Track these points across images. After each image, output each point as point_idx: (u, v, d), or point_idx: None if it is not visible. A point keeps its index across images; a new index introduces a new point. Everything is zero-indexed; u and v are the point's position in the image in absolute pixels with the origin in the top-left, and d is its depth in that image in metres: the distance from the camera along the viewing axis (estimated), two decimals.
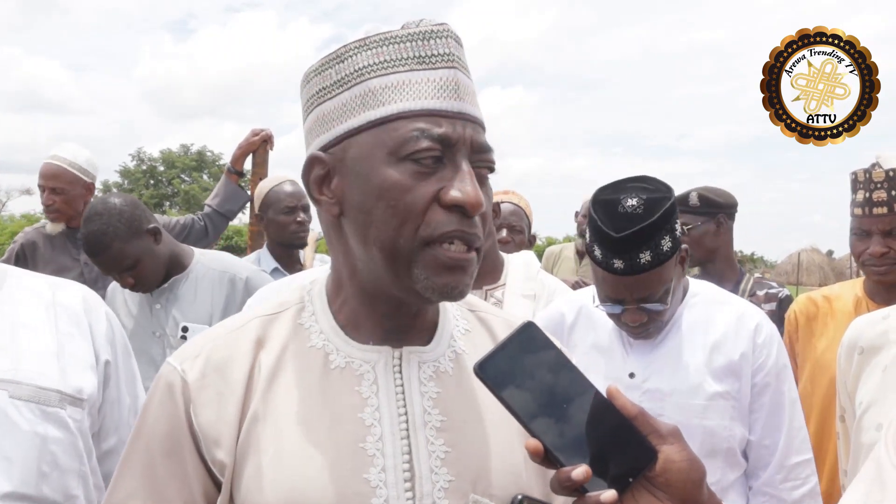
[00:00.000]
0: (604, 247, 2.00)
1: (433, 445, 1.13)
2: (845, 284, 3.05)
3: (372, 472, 1.10)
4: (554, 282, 2.91)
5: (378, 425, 1.12)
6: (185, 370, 1.16)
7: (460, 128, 1.09)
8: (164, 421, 1.14)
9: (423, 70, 1.10)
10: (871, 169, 2.46)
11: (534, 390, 0.97)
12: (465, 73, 1.14)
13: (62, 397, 1.56)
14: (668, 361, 2.15)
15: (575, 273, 5.06)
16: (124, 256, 2.91)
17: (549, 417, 0.96)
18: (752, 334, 2.15)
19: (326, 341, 1.19)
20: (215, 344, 1.19)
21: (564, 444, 0.95)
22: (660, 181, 2.07)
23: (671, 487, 0.96)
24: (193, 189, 43.93)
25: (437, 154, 1.08)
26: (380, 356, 1.17)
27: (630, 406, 0.98)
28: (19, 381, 1.53)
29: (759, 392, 2.13)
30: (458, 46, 1.14)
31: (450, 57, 1.11)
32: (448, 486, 1.11)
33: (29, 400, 1.53)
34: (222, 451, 1.11)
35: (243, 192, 4.30)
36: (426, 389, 1.16)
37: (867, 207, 2.51)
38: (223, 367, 1.16)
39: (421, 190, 1.08)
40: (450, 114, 1.09)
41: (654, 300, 2.04)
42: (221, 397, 1.14)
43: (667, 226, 2.00)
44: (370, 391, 1.15)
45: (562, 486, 0.94)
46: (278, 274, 3.87)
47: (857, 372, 1.86)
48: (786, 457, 2.12)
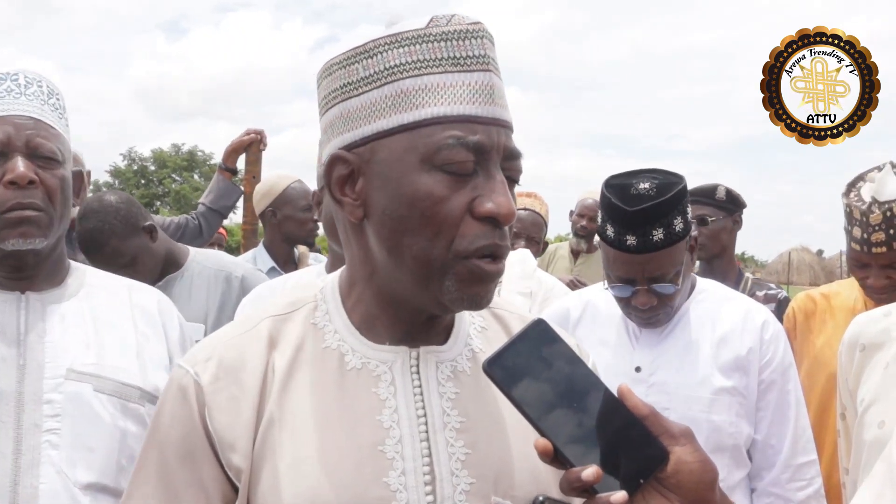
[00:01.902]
0: (617, 224, 2.01)
1: (453, 447, 1.11)
2: (844, 283, 3.05)
3: (392, 475, 1.07)
4: (551, 280, 2.91)
5: (397, 427, 1.10)
6: (198, 373, 1.13)
7: (494, 135, 1.06)
8: (178, 425, 1.12)
9: (459, 73, 1.06)
10: (868, 212, 2.42)
11: (544, 389, 0.95)
12: (498, 76, 1.10)
13: (142, 394, 1.63)
14: (675, 355, 2.14)
15: (570, 272, 5.05)
16: (121, 254, 2.89)
17: (559, 416, 0.94)
18: (759, 330, 2.15)
19: (341, 342, 1.16)
20: (227, 345, 1.16)
21: (574, 444, 0.94)
22: (671, 171, 2.09)
23: (683, 489, 0.95)
24: (184, 189, 43.75)
25: (472, 161, 1.05)
26: (396, 356, 1.15)
27: (642, 406, 0.97)
28: (103, 376, 1.61)
29: (765, 389, 2.12)
30: (492, 47, 1.10)
31: (485, 59, 1.08)
32: (469, 488, 1.09)
33: (112, 394, 1.60)
34: (238, 456, 1.09)
35: (237, 188, 4.28)
36: (444, 390, 1.14)
37: (865, 246, 2.49)
38: (236, 370, 1.13)
39: (455, 201, 1.04)
40: (485, 120, 1.06)
41: (666, 280, 2.03)
42: (236, 400, 1.11)
43: (679, 206, 2.02)
44: (388, 392, 1.12)
45: (571, 486, 0.93)
46: (275, 273, 3.86)
47: (858, 369, 1.86)
48: (792, 456, 2.12)
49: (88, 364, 1.60)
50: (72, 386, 1.57)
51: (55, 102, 1.70)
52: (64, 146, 1.67)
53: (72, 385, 1.57)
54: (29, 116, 1.62)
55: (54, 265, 1.71)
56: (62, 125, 1.70)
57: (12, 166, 1.58)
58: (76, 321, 1.65)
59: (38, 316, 1.64)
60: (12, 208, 1.58)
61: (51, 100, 1.69)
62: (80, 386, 1.58)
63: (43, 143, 1.61)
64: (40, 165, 1.61)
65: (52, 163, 1.63)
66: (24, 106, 1.63)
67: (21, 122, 1.61)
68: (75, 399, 1.56)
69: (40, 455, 1.52)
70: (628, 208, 1.98)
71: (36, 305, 1.65)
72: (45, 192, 1.61)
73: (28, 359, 1.58)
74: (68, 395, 1.56)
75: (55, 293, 1.68)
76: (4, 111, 1.61)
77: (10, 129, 1.59)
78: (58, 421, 1.54)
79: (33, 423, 1.54)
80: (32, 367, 1.57)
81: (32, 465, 1.51)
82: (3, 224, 1.58)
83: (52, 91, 1.70)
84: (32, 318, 1.63)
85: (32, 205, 1.59)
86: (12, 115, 1.61)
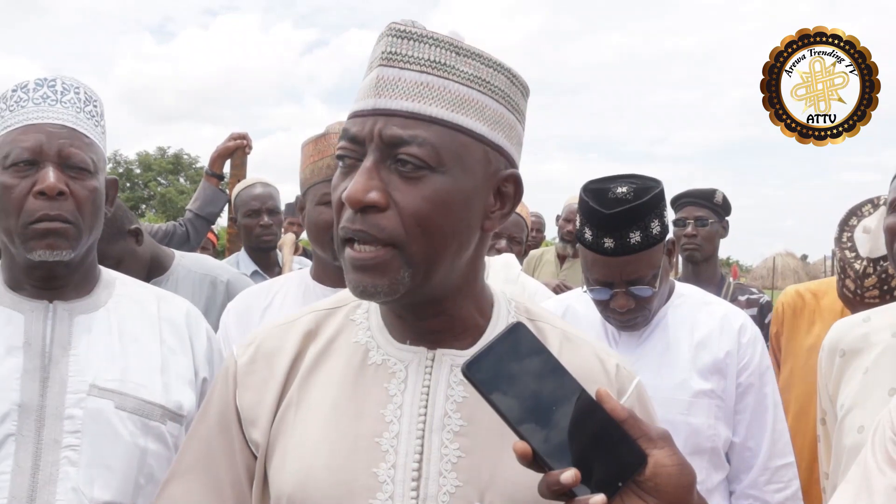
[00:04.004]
0: (594, 227, 2.03)
1: (447, 449, 1.13)
2: (832, 283, 3.07)
3: (382, 467, 1.12)
4: (535, 284, 2.92)
5: (397, 423, 1.15)
6: (238, 355, 1.27)
7: (370, 125, 1.09)
8: (218, 401, 1.26)
9: (369, 72, 1.13)
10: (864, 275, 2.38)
11: (522, 392, 0.96)
12: (405, 68, 1.11)
13: (164, 412, 1.61)
14: (654, 359, 2.16)
15: (556, 276, 5.07)
16: (106, 257, 2.85)
17: (538, 420, 0.95)
18: (736, 334, 2.17)
19: (370, 338, 1.22)
20: (269, 334, 1.28)
21: (553, 447, 0.94)
22: (648, 176, 2.11)
23: (661, 492, 0.95)
24: (170, 192, 43.58)
25: (351, 154, 1.10)
26: (414, 356, 1.19)
27: (619, 409, 0.97)
28: (125, 393, 1.59)
29: (743, 392, 2.14)
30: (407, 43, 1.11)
31: (385, 55, 1.11)
32: (455, 490, 1.11)
33: (133, 412, 1.58)
34: (258, 432, 1.20)
35: (223, 194, 4.28)
36: (452, 393, 1.16)
37: (858, 297, 2.47)
38: (271, 356, 1.24)
39: (340, 190, 1.11)
40: (365, 112, 1.10)
41: (644, 283, 2.06)
42: (265, 383, 1.22)
43: (656, 210, 2.04)
44: (397, 389, 1.17)
45: (550, 489, 0.93)
46: (258, 277, 3.85)
47: (838, 375, 1.88)
48: (769, 459, 2.14)
49: (111, 380, 1.58)
50: (94, 402, 1.55)
51: (92, 110, 1.67)
52: (98, 155, 1.65)
53: (94, 401, 1.55)
54: (63, 125, 1.60)
55: (84, 275, 1.70)
56: (98, 133, 1.67)
57: (42, 176, 1.55)
58: (102, 334, 1.63)
59: (65, 327, 1.61)
60: (40, 219, 1.56)
61: (87, 107, 1.66)
62: (102, 402, 1.56)
63: (75, 152, 1.59)
64: (71, 176, 1.59)
65: (83, 173, 1.60)
66: (60, 114, 1.61)
67: (54, 131, 1.58)
68: (96, 416, 1.54)
69: (58, 471, 1.50)
70: (606, 211, 2.00)
71: (63, 316, 1.63)
72: (74, 203, 1.58)
73: (52, 372, 1.56)
74: (89, 412, 1.54)
75: (83, 303, 1.67)
76: (39, 119, 1.59)
77: (42, 138, 1.57)
78: (78, 437, 1.52)
79: (53, 439, 1.52)
80: (55, 380, 1.55)
81: (50, 482, 1.49)
82: (31, 235, 1.56)
83: (90, 98, 1.68)
84: (59, 330, 1.61)
85: (60, 216, 1.57)
86: (46, 123, 1.59)
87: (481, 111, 1.12)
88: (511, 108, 1.16)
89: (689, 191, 3.87)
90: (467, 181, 1.11)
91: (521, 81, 1.19)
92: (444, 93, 1.10)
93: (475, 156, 1.11)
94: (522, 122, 1.21)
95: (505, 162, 1.16)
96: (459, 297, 1.18)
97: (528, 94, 1.22)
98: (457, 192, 1.10)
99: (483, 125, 1.12)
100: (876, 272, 2.39)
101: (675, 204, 3.83)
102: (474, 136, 1.11)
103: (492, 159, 1.14)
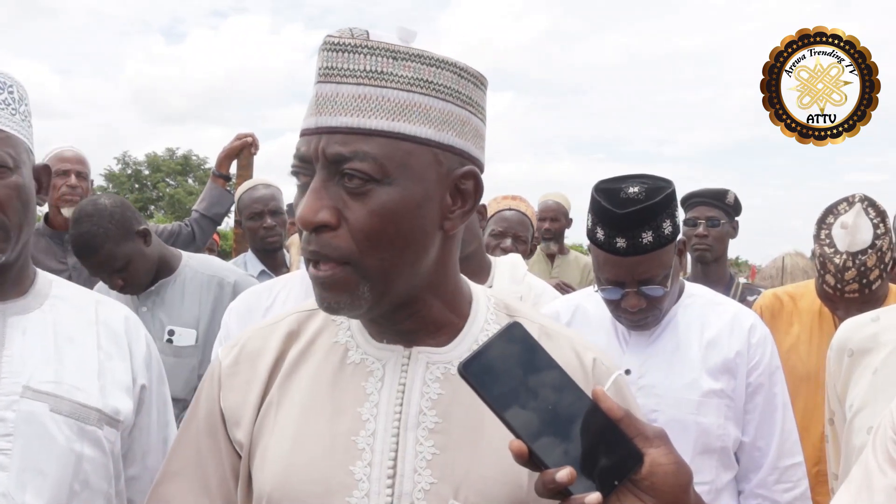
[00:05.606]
0: (606, 226, 2.04)
1: (422, 446, 1.14)
2: (810, 284, 3.06)
3: (358, 465, 1.14)
4: (541, 284, 2.91)
5: (373, 421, 1.16)
6: (223, 357, 1.28)
7: (314, 143, 1.10)
8: (205, 402, 1.27)
9: (314, 87, 1.13)
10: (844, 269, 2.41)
11: (518, 391, 0.96)
12: (342, 82, 1.10)
13: (101, 416, 1.53)
14: (664, 358, 2.16)
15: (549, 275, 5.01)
16: (115, 258, 2.89)
17: (534, 419, 0.95)
18: (746, 334, 2.17)
19: (350, 338, 1.24)
20: (253, 335, 1.29)
21: (549, 446, 0.94)
22: (660, 176, 2.12)
23: (657, 491, 0.95)
24: (178, 193, 43.68)
25: (304, 171, 1.13)
26: (391, 355, 1.20)
27: (616, 408, 0.97)
28: (60, 396, 1.50)
29: (753, 392, 2.14)
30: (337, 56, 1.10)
31: (321, 71, 1.11)
32: (430, 487, 1.12)
33: (69, 416, 1.50)
34: (241, 432, 1.22)
35: (229, 195, 4.30)
36: (428, 390, 1.17)
37: (839, 292, 2.49)
38: (254, 357, 1.26)
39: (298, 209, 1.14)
40: (309, 131, 1.11)
41: (655, 283, 2.06)
42: (248, 384, 1.24)
43: (667, 210, 2.05)
44: (374, 388, 1.18)
45: (546, 487, 0.93)
46: (265, 277, 3.86)
47: (847, 375, 1.87)
48: (778, 459, 2.14)
49: (46, 382, 1.48)
50: (27, 405, 1.46)
51: (6, 98, 1.49)
52: (16, 149, 1.49)
53: (27, 403, 1.46)
54: None
55: (18, 275, 1.57)
56: (14, 123, 1.50)
57: None
58: (37, 335, 1.53)
59: None
60: None
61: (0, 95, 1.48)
62: (36, 405, 1.46)
63: None
64: None
65: (1, 171, 1.46)
66: None
67: None
68: (30, 418, 1.45)
69: None
70: (618, 211, 2.00)
71: None
72: None
73: None
74: (22, 415, 1.45)
75: (18, 304, 1.56)
76: None
77: None
78: (9, 441, 1.43)
79: None
80: None
81: None
82: None
83: (3, 85, 1.50)
84: None
85: None
86: None
87: (426, 114, 1.10)
88: (461, 103, 1.14)
89: (701, 190, 3.86)
90: (417, 188, 1.10)
91: (471, 73, 1.16)
92: (382, 102, 1.09)
93: (423, 161, 1.10)
94: (479, 114, 1.19)
95: (459, 160, 1.14)
96: (429, 297, 1.19)
97: (484, 85, 1.20)
98: (406, 202, 1.09)
99: (428, 128, 1.10)
100: (855, 265, 2.42)
101: (685, 203, 3.82)
102: (419, 142, 1.10)
103: (443, 160, 1.12)
